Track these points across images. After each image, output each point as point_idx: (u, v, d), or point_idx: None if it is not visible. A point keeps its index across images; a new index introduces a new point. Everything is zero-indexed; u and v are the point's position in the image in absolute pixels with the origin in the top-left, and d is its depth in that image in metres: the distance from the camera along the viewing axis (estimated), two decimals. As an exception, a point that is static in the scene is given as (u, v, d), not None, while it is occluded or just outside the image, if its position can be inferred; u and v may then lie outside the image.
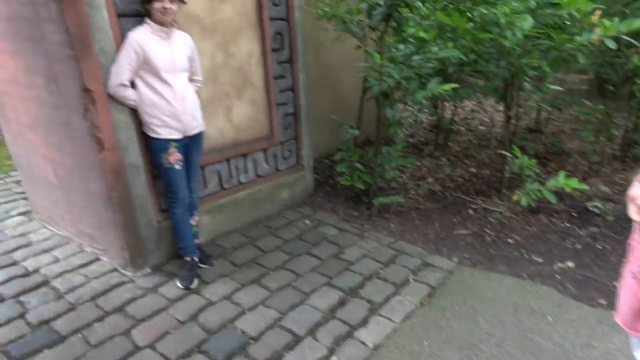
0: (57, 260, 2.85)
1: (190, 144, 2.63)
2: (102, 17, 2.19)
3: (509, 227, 3.46)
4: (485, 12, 2.95)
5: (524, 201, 3.13)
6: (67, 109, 2.34)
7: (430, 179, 4.28)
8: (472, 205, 3.78)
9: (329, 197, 4.01)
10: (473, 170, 4.50)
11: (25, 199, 3.68)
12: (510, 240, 3.30)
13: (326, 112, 4.60)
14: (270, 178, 3.56)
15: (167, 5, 2.24)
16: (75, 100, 2.25)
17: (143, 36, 2.27)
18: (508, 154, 3.60)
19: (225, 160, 3.16)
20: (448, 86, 2.73)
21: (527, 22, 2.89)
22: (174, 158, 2.51)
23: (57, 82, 2.28)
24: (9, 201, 3.75)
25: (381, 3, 3.09)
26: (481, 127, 6.36)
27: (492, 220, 3.56)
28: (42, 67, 2.31)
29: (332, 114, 4.67)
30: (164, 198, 2.78)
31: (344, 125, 3.54)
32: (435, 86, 2.86)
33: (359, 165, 3.66)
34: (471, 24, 3.16)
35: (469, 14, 3.40)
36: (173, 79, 2.40)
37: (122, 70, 2.25)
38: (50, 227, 3.21)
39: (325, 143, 4.76)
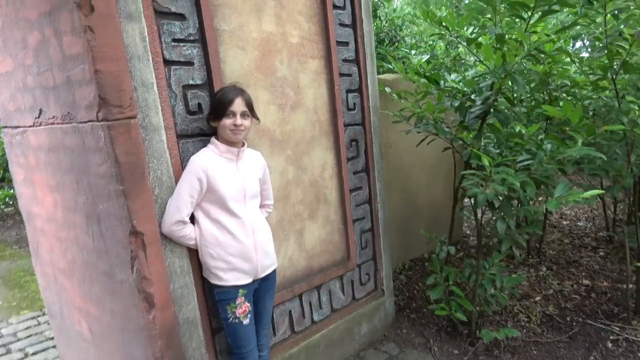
0: None
1: (261, 288, 2.03)
2: (160, 140, 1.76)
3: (668, 366, 2.56)
4: (614, 101, 2.40)
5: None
6: (109, 255, 1.83)
7: (537, 297, 3.46)
8: (608, 335, 2.91)
9: (415, 326, 3.23)
10: (587, 282, 3.65)
11: (55, 346, 3.09)
12: (677, 387, 2.40)
13: (397, 219, 3.99)
14: (347, 310, 2.86)
15: (239, 121, 1.80)
16: (119, 246, 1.74)
17: (208, 160, 1.81)
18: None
19: (297, 296, 2.53)
20: (590, 193, 2.09)
21: (668, 108, 2.32)
22: (242, 310, 1.90)
23: (100, 222, 1.80)
24: (38, 351, 3.16)
25: (475, 99, 2.63)
26: (564, 222, 5.55)
27: (641, 355, 2.68)
28: (83, 204, 1.85)
29: (403, 219, 4.07)
30: (224, 356, 2.13)
31: (437, 242, 2.90)
32: (566, 192, 2.22)
33: (455, 289, 2.94)
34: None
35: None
36: (242, 208, 1.88)
37: (182, 205, 1.75)
38: (81, 393, 2.56)
39: (397, 254, 4.08)
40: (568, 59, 3.11)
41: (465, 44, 2.60)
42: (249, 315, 1.93)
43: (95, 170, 1.70)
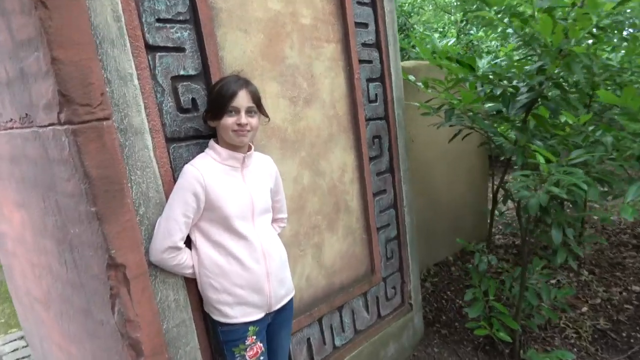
0: None
1: (275, 322, 1.67)
2: (144, 145, 1.39)
3: None
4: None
5: None
6: (85, 291, 1.47)
7: (584, 308, 3.07)
8: (673, 354, 2.53)
9: (447, 344, 2.87)
10: (637, 288, 3.26)
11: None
12: None
13: (419, 220, 3.59)
14: (373, 331, 2.50)
15: (244, 120, 1.42)
16: (96, 281, 1.39)
17: (206, 169, 1.44)
18: None
19: (316, 321, 2.17)
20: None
21: None
22: (254, 352, 1.54)
23: (72, 250, 1.45)
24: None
25: (519, 85, 2.24)
26: (594, 217, 5.13)
27: None
28: (52, 227, 1.50)
29: (425, 220, 3.68)
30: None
31: (476, 251, 2.52)
32: (640, 195, 1.83)
33: (497, 305, 2.56)
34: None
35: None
36: (250, 228, 1.52)
37: (174, 227, 1.39)
38: None
39: (420, 259, 3.70)
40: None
41: (508, 20, 2.19)
42: (262, 358, 1.57)
43: (62, 186, 1.34)
